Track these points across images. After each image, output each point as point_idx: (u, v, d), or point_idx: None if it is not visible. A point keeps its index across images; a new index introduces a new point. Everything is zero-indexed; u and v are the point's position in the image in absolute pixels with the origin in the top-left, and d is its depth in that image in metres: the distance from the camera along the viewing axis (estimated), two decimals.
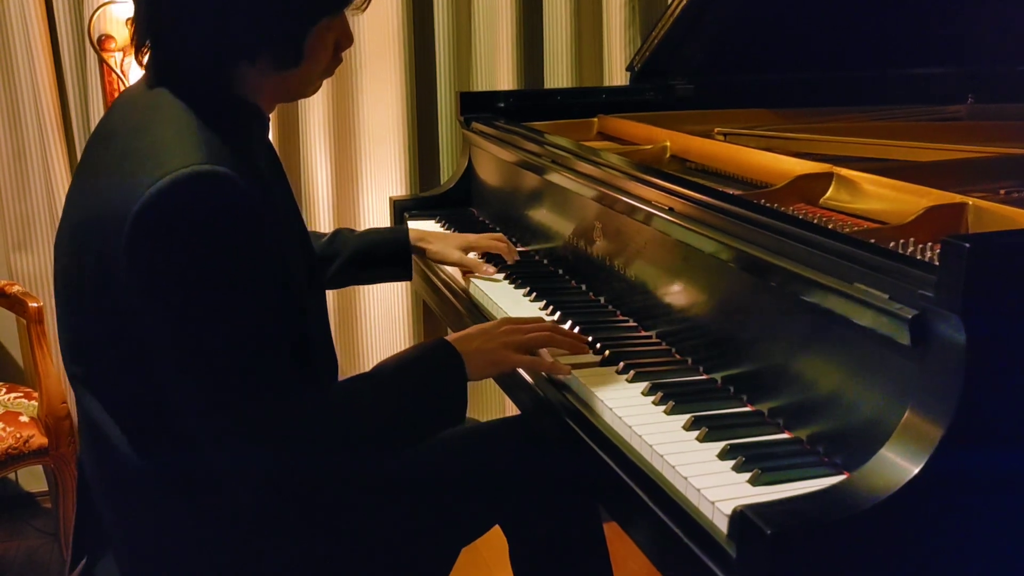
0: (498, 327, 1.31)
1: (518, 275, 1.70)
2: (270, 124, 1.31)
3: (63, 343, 1.23)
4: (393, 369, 1.23)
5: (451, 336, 1.29)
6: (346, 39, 1.24)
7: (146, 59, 1.20)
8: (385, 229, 1.83)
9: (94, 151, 1.21)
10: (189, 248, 1.05)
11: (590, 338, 1.36)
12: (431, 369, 1.24)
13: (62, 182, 2.48)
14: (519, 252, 1.83)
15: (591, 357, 1.32)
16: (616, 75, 2.66)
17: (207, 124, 1.12)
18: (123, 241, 1.05)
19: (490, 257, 1.79)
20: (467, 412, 1.30)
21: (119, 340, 1.13)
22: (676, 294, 1.34)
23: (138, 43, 1.19)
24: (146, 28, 1.17)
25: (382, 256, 1.74)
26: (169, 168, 1.05)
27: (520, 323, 1.33)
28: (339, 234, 1.73)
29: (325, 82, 2.64)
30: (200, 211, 1.06)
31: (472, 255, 1.78)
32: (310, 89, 1.28)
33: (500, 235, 1.84)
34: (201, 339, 1.07)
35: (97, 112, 2.45)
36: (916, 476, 0.84)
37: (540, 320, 1.38)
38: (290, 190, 1.36)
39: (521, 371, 1.38)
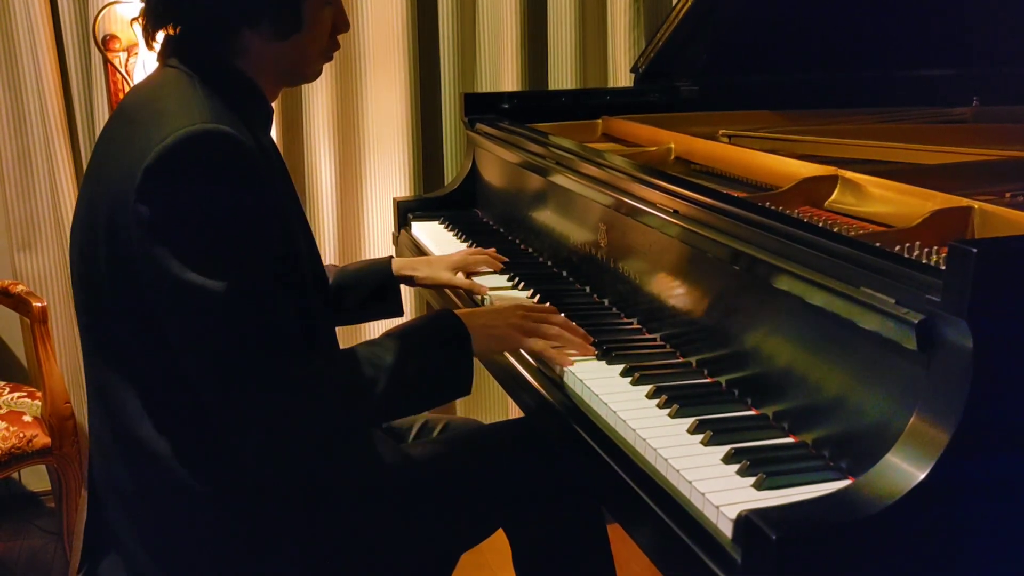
0: (511, 310, 1.34)
1: (522, 277, 1.70)
2: (275, 129, 1.33)
3: (83, 328, 1.24)
4: (398, 336, 1.24)
5: (460, 311, 1.31)
6: (342, 23, 1.30)
7: (157, 48, 1.25)
8: (367, 261, 1.75)
9: (106, 132, 1.24)
10: (195, 200, 1.09)
11: (595, 340, 1.36)
12: (436, 338, 1.25)
13: (66, 182, 2.48)
14: (523, 252, 1.83)
15: (595, 359, 1.31)
16: (620, 76, 2.66)
17: (212, 95, 1.16)
18: (132, 198, 1.08)
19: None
20: (471, 411, 1.30)
21: (133, 307, 1.14)
22: (680, 296, 1.34)
23: (149, 23, 1.23)
24: (155, 3, 1.21)
25: (366, 290, 1.66)
26: (175, 127, 1.09)
27: (533, 310, 1.35)
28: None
29: (329, 82, 2.67)
30: (205, 166, 1.09)
31: (461, 275, 1.73)
32: (310, 70, 1.31)
33: (479, 249, 1.80)
34: (205, 290, 1.08)
35: (102, 112, 2.46)
36: (922, 481, 0.84)
37: (554, 311, 1.38)
38: (295, 192, 1.36)
39: (525, 372, 1.38)
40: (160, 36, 1.25)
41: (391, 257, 1.70)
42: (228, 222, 1.10)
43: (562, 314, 1.44)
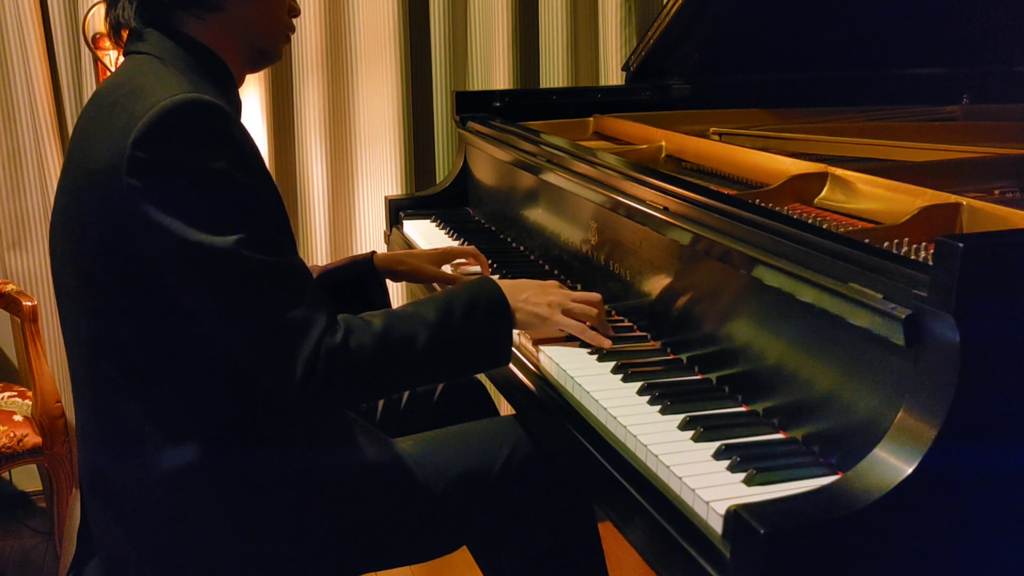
0: (551, 287, 1.37)
1: (513, 275, 1.70)
2: (266, 128, 1.33)
3: (69, 321, 1.23)
4: (441, 299, 1.25)
5: (503, 282, 1.32)
6: (295, 4, 1.33)
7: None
8: (349, 257, 1.73)
9: (80, 124, 1.24)
10: (188, 164, 1.10)
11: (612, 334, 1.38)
12: (479, 305, 1.26)
13: (56, 181, 2.47)
14: (514, 250, 1.83)
15: (586, 356, 1.31)
16: (612, 75, 2.67)
17: (183, 72, 1.18)
18: (123, 172, 1.08)
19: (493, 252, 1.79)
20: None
21: (128, 287, 1.14)
22: (671, 294, 1.34)
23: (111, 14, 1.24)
24: None
25: (350, 286, 1.64)
26: (158, 99, 1.10)
27: (569, 292, 1.38)
28: None
29: (321, 80, 2.66)
30: (194, 131, 1.10)
31: (447, 267, 1.75)
32: (273, 43, 1.31)
33: (470, 248, 1.79)
34: (215, 248, 1.08)
35: None
36: (909, 476, 0.84)
37: (589, 294, 1.41)
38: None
39: (515, 370, 1.38)
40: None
41: (373, 252, 1.70)
42: (223, 181, 1.10)
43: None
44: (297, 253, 1.19)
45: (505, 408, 2.65)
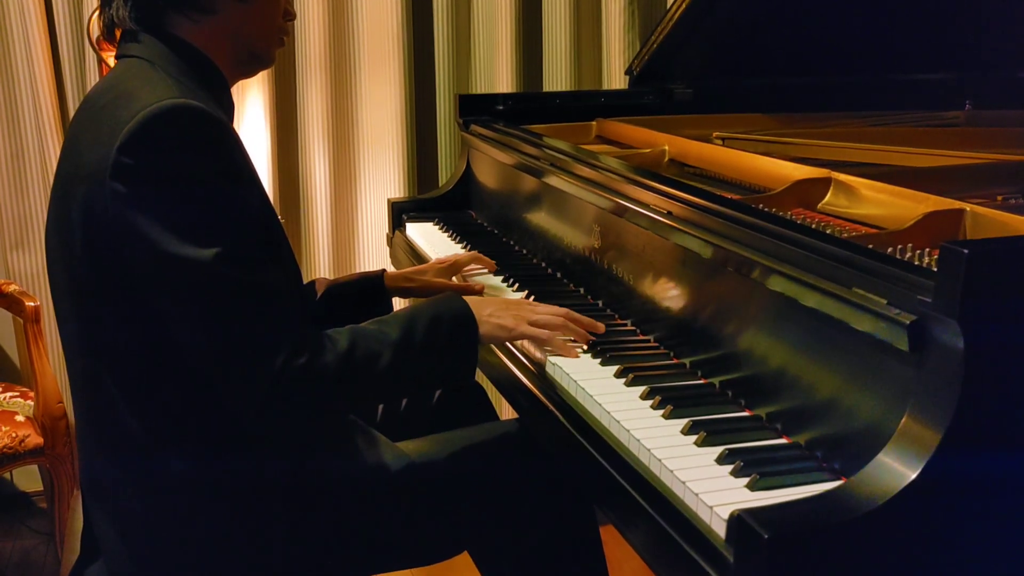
0: (518, 302, 1.37)
1: (516, 278, 1.70)
2: (269, 129, 1.32)
3: (64, 324, 1.23)
4: (405, 317, 1.24)
5: (468, 297, 1.32)
6: (291, 8, 1.32)
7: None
8: (358, 273, 1.71)
9: (72, 129, 1.24)
10: (172, 172, 1.09)
11: (602, 329, 1.38)
12: (443, 321, 1.25)
13: None
14: (517, 254, 1.83)
15: (589, 360, 1.32)
16: (615, 78, 2.67)
17: (176, 79, 1.17)
18: (106, 177, 1.08)
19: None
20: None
21: (113, 291, 1.14)
22: (674, 298, 1.35)
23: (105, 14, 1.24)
24: None
25: (357, 301, 1.62)
26: (144, 104, 1.09)
27: (535, 305, 1.37)
28: (312, 284, 1.64)
29: (324, 82, 2.66)
30: (178, 138, 1.09)
31: (455, 278, 1.73)
32: (266, 48, 1.30)
33: (472, 253, 1.77)
34: (192, 260, 1.08)
35: None
36: (913, 481, 0.84)
37: (554, 307, 1.40)
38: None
39: (519, 373, 1.38)
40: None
41: (383, 270, 1.67)
42: (206, 190, 1.10)
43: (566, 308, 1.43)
44: (280, 266, 1.17)
45: (504, 411, 2.65)
